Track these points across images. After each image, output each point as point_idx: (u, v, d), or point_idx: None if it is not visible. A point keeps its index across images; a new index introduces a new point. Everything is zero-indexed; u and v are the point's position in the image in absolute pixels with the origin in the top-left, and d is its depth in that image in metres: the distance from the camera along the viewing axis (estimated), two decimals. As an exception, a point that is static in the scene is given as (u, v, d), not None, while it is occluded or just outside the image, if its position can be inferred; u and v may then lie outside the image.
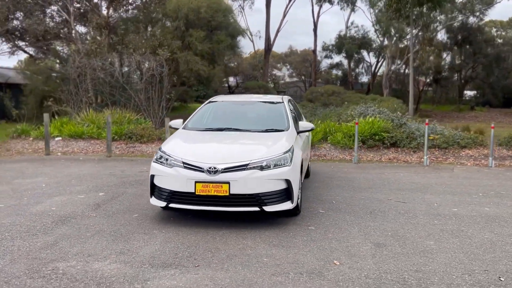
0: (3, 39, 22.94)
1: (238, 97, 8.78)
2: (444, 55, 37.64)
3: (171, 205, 5.69)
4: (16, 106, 21.13)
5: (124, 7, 20.38)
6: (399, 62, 33.34)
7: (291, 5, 33.75)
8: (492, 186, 8.50)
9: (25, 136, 14.31)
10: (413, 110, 20.85)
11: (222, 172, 5.47)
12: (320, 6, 36.97)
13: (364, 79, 45.35)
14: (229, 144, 6.25)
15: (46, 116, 12.45)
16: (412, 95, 21.07)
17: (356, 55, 38.30)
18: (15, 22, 22.75)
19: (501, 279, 4.19)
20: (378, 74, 39.92)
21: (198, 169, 5.53)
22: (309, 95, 26.19)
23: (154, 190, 5.89)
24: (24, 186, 8.10)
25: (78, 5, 21.72)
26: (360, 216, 6.29)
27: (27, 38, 22.97)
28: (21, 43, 23.46)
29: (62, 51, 21.32)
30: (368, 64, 41.60)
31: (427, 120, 11.58)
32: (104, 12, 20.32)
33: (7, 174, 9.26)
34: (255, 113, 7.35)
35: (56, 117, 15.82)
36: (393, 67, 33.41)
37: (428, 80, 37.58)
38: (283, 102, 7.40)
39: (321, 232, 5.54)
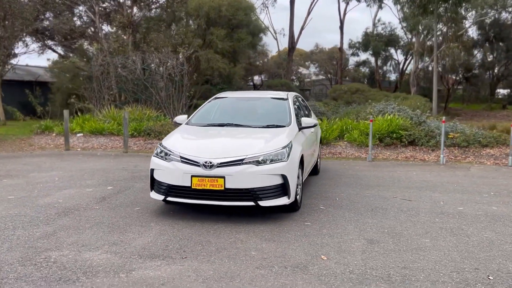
0: (34, 39, 23.65)
1: (244, 93, 8.82)
2: (475, 52, 36.62)
3: (169, 198, 5.79)
4: (44, 103, 21.84)
5: (148, 7, 20.72)
6: (427, 59, 32.64)
7: (315, 3, 33.56)
8: (506, 186, 8.26)
9: (48, 132, 14.78)
10: (436, 109, 20.39)
11: (218, 166, 5.53)
12: (347, 3, 36.60)
13: (392, 77, 44.68)
14: (227, 139, 6.29)
15: (66, 112, 12.81)
16: (436, 93, 20.62)
17: (383, 53, 37.73)
18: (45, 22, 23.39)
19: (490, 277, 4.09)
20: (406, 72, 39.23)
21: (195, 163, 5.60)
22: (333, 93, 26.00)
23: (154, 184, 6.00)
24: (38, 179, 8.37)
25: (104, 5, 22.20)
26: (360, 213, 6.23)
27: (56, 38, 23.64)
28: (50, 43, 24.15)
29: (88, 49, 21.84)
30: (396, 61, 40.92)
31: (444, 118, 11.33)
32: (129, 11, 20.68)
33: (25, 168, 9.58)
34: (258, 109, 7.38)
35: (79, 113, 16.24)
36: (420, 65, 32.76)
37: (457, 78, 36.65)
38: (287, 98, 7.39)
39: (316, 227, 5.52)
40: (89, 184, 7.95)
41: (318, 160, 9.18)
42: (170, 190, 5.74)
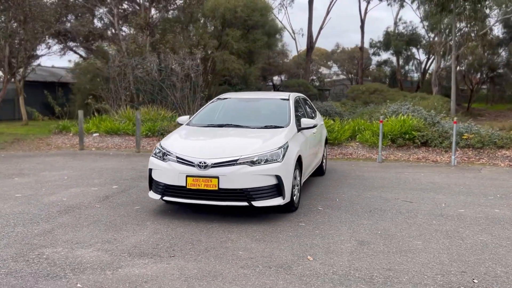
0: (56, 41, 24.20)
1: (246, 94, 8.86)
2: (500, 50, 35.71)
3: (165, 198, 5.90)
4: (66, 104, 22.39)
5: (165, 8, 20.97)
6: (449, 58, 32.03)
7: (334, 2, 33.38)
8: (516, 188, 8.10)
9: (65, 132, 15.13)
10: (455, 109, 20.03)
11: (212, 167, 5.60)
12: (368, 2, 36.28)
13: (415, 76, 43.99)
14: (224, 140, 6.36)
15: (80, 113, 13.11)
16: (455, 93, 20.26)
17: (405, 52, 37.20)
18: (67, 24, 23.91)
19: (475, 281, 4.04)
20: (429, 71, 38.61)
21: (190, 163, 5.69)
22: (351, 93, 25.83)
23: (152, 183, 6.12)
24: (47, 178, 8.61)
25: (123, 7, 22.58)
26: (357, 214, 6.21)
27: (78, 39, 24.14)
28: (71, 44, 24.68)
29: (107, 51, 22.27)
30: (418, 61, 40.30)
31: (455, 119, 11.15)
32: (146, 12, 20.98)
33: (38, 167, 9.86)
34: (259, 110, 7.42)
35: (95, 114, 16.58)
36: (442, 64, 32.21)
37: (482, 78, 35.86)
38: (288, 99, 7.40)
39: (309, 228, 5.54)
40: (96, 183, 8.13)
41: (324, 161, 9.17)
42: (167, 189, 5.84)
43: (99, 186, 7.91)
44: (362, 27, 37.03)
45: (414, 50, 38.47)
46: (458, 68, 34.35)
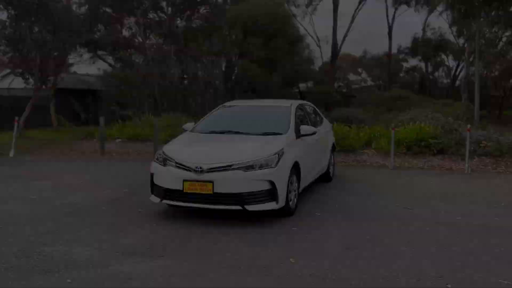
0: (86, 49, 25.10)
1: (252, 102, 9.09)
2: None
3: (164, 201, 6.19)
4: (95, 110, 23.22)
5: (189, 18, 21.51)
6: (479, 64, 31.37)
7: (359, 10, 33.28)
8: (524, 197, 7.98)
9: (90, 138, 15.73)
10: (479, 116, 19.67)
11: (207, 171, 5.84)
12: (396, 9, 36.02)
13: (445, 83, 43.19)
14: (222, 146, 6.60)
15: (101, 119, 13.61)
16: (478, 100, 19.91)
17: (433, 58, 36.64)
18: (96, 34, 24.81)
19: (448, 286, 4.11)
20: (459, 78, 37.86)
21: (187, 168, 5.95)
22: (375, 100, 25.69)
23: (154, 187, 6.41)
24: (65, 181, 9.05)
25: (150, 16, 23.28)
26: (352, 220, 6.30)
27: (106, 48, 24.99)
28: (100, 53, 25.55)
29: (134, 59, 22.97)
30: (448, 67, 39.58)
31: (468, 126, 11.04)
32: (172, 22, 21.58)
33: (58, 171, 10.34)
34: (261, 117, 7.58)
35: (119, 120, 17.15)
36: (472, 71, 31.55)
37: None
38: (290, 107, 7.58)
39: (301, 233, 5.69)
40: (108, 187, 8.49)
41: (331, 167, 9.26)
42: (166, 193, 6.13)
43: (111, 189, 8.27)
44: (389, 33, 36.80)
45: (443, 56, 37.87)
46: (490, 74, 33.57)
